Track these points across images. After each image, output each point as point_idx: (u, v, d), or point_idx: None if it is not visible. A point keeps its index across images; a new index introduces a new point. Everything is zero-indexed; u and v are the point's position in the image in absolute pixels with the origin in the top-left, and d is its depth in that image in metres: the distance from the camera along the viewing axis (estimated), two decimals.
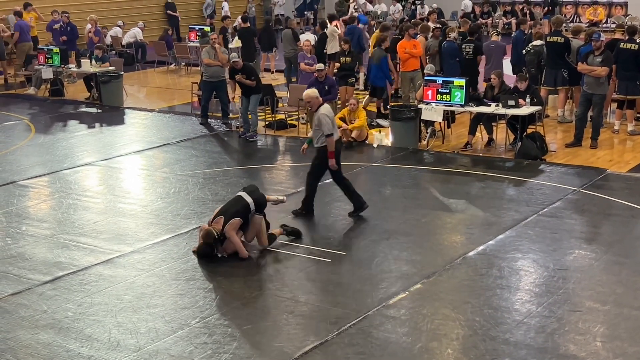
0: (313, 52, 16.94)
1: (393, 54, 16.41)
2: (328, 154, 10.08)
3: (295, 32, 19.10)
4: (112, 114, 17.32)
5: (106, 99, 18.08)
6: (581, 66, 13.56)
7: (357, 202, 10.37)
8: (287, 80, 18.64)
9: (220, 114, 16.21)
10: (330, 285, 8.28)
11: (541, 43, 15.38)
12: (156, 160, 13.55)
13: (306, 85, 15.11)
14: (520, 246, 9.24)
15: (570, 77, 14.89)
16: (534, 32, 15.93)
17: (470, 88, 13.86)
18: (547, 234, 9.60)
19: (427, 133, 13.98)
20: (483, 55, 15.72)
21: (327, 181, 11.87)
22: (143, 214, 10.65)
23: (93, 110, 17.91)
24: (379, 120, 15.60)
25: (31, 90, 19.60)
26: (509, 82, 14.34)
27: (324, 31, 18.37)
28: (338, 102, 15.32)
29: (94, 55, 19.15)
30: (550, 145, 13.44)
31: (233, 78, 14.83)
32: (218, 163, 13.14)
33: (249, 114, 14.68)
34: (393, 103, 15.27)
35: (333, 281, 8.37)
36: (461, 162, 12.85)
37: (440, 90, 13.47)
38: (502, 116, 13.31)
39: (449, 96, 13.39)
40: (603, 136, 13.86)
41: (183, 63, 23.24)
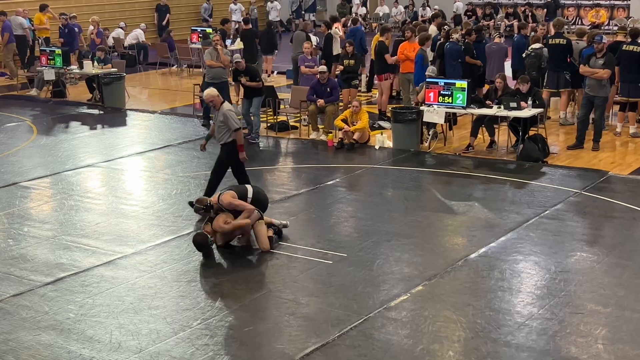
0: (314, 54, 16.94)
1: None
2: (238, 147, 10.49)
3: (307, 34, 19.09)
4: (114, 116, 17.33)
5: (108, 101, 18.08)
6: (583, 68, 13.56)
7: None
8: (294, 81, 18.63)
9: None
10: (331, 287, 8.28)
11: (540, 46, 15.38)
12: (158, 161, 13.56)
13: (308, 87, 15.16)
14: (521, 248, 9.24)
15: (572, 80, 14.90)
16: (532, 37, 15.97)
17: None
18: (549, 236, 9.60)
19: (429, 135, 13.99)
20: (469, 55, 15.56)
21: (329, 183, 11.89)
22: (145, 216, 10.65)
23: (95, 111, 17.92)
24: (381, 122, 15.60)
25: (33, 91, 19.61)
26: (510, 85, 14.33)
27: (330, 32, 18.37)
28: (340, 105, 15.32)
29: (96, 57, 19.17)
30: (552, 147, 13.43)
31: (236, 80, 14.84)
32: None
33: (252, 116, 14.68)
34: (394, 105, 15.26)
35: (334, 283, 8.37)
36: (463, 164, 12.85)
37: (442, 92, 13.48)
38: (504, 118, 13.31)
39: (451, 98, 13.40)
40: (605, 138, 13.85)
41: (185, 65, 23.25)
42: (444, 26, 17.73)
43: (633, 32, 14.47)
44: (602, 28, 26.94)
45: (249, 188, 9.66)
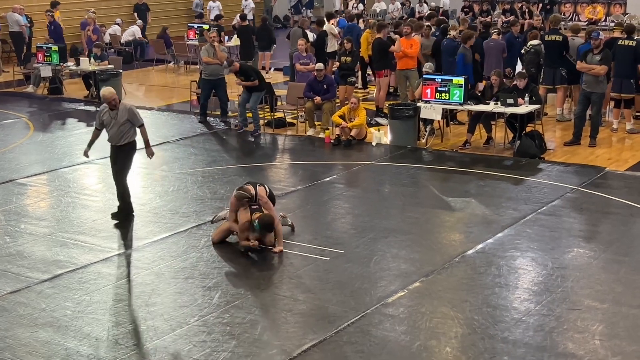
0: (309, 51, 16.91)
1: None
2: (145, 142, 10.45)
3: (304, 31, 19.07)
4: None
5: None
6: (580, 65, 13.56)
7: (129, 206, 10.46)
8: (291, 78, 18.61)
9: (219, 112, 16.21)
10: (328, 283, 8.28)
11: (539, 42, 15.38)
12: (155, 158, 13.41)
13: (304, 84, 15.15)
14: (519, 244, 9.25)
15: (568, 76, 14.90)
16: (530, 33, 15.98)
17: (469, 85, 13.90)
18: (546, 233, 9.60)
19: (426, 131, 13.99)
20: (477, 52, 15.59)
21: (326, 180, 11.89)
22: (142, 212, 10.64)
23: (92, 108, 17.88)
24: (378, 118, 15.60)
25: (30, 88, 19.59)
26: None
27: (324, 29, 18.35)
28: (337, 101, 15.31)
29: (93, 53, 19.13)
30: (549, 143, 13.43)
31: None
32: (217, 161, 13.13)
33: (250, 112, 14.72)
34: (391, 102, 15.26)
35: (331, 279, 8.37)
36: (460, 161, 12.85)
37: (439, 88, 13.47)
38: (501, 115, 13.32)
39: (448, 94, 13.40)
40: (602, 135, 13.87)
41: (182, 61, 23.22)
42: (442, 24, 17.70)
43: (629, 29, 14.50)
44: (599, 24, 26.93)
45: (265, 186, 9.64)
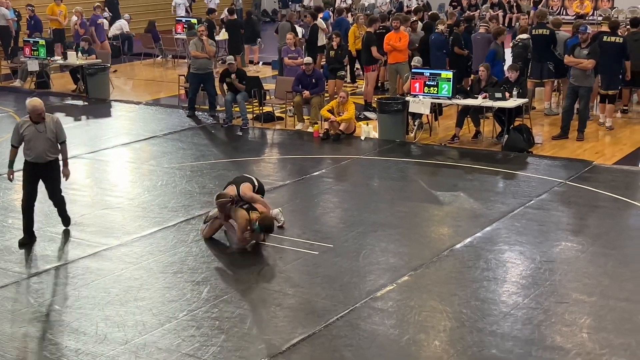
0: (298, 45, 16.89)
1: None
2: (64, 161, 9.45)
3: (293, 25, 19.04)
4: (99, 107, 17.24)
5: (92, 92, 17.98)
6: (568, 59, 13.59)
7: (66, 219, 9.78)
8: (279, 72, 18.59)
9: (207, 107, 16.18)
10: (317, 277, 8.29)
11: (527, 36, 15.40)
12: (143, 152, 13.50)
13: (293, 78, 15.13)
14: (507, 238, 9.28)
15: (556, 70, 14.93)
16: (519, 28, 16.01)
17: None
18: (534, 226, 9.64)
19: (415, 126, 14.00)
20: (457, 46, 15.57)
21: (314, 174, 11.89)
22: (130, 207, 10.61)
23: (79, 102, 17.83)
24: (367, 112, 15.60)
25: (17, 82, 19.48)
26: None
27: (315, 23, 18.32)
28: (326, 95, 15.30)
29: (80, 47, 19.04)
30: (536, 137, 13.47)
31: (223, 82, 14.96)
32: (205, 155, 13.11)
33: (237, 106, 14.77)
34: (380, 96, 15.26)
35: (320, 274, 8.37)
36: (448, 155, 12.87)
37: (427, 82, 13.48)
38: (489, 108, 13.34)
39: (436, 89, 13.41)
40: (589, 129, 13.91)
41: (170, 55, 23.14)
42: (415, 18, 17.73)
43: (612, 25, 14.51)
44: (587, 18, 26.99)
45: (253, 178, 9.58)
